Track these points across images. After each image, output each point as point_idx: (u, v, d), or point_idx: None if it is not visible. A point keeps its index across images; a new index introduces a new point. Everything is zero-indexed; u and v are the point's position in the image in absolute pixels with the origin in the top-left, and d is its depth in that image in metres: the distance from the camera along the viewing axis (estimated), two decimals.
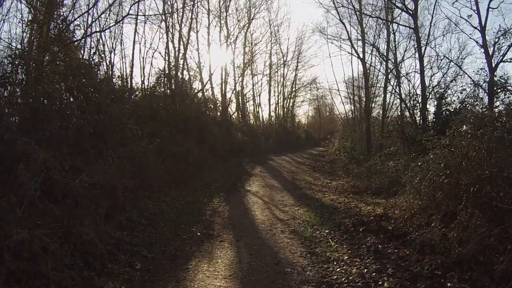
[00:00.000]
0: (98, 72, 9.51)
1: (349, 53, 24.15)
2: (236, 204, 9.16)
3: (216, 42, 24.14)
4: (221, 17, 24.03)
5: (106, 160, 7.24)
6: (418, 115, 14.46)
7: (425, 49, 14.53)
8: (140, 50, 22.04)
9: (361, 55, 20.42)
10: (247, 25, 26.88)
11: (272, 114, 37.19)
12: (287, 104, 40.33)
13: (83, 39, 10.36)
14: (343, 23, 20.54)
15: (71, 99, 8.12)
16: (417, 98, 14.55)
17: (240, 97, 28.51)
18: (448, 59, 13.80)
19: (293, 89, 39.92)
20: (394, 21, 16.91)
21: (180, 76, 20.35)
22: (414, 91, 14.46)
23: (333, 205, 8.98)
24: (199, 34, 22.48)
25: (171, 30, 20.38)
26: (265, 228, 6.83)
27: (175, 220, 7.34)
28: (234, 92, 26.40)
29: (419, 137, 9.62)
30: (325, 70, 56.52)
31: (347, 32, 20.78)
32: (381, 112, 24.27)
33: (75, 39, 9.65)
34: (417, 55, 15.88)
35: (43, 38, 8.42)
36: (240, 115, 28.54)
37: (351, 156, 18.30)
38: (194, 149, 13.89)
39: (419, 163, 7.95)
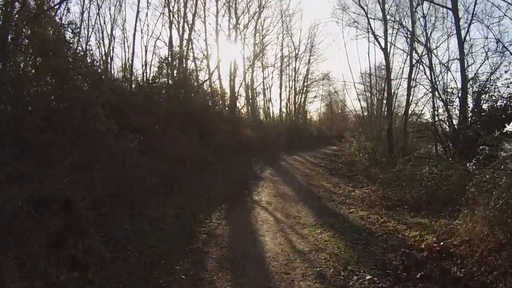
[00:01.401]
0: (71, 50, 7.53)
1: (366, 36, 21.98)
2: (241, 222, 7.12)
3: (225, 31, 22.18)
4: (230, 5, 22.03)
5: (61, 164, 5.29)
6: (455, 111, 12.33)
7: (467, 32, 12.26)
8: (142, 37, 20.29)
9: (382, 44, 18.27)
10: (257, 13, 24.84)
11: (283, 109, 35.13)
12: (299, 100, 38.14)
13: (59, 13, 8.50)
14: (362, 7, 18.49)
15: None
16: (454, 91, 12.39)
17: (249, 91, 26.54)
18: (501, 42, 11.43)
19: (305, 83, 37.75)
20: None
21: (184, 65, 18.56)
22: (455, 82, 12.16)
23: (365, 227, 6.93)
24: (206, 23, 20.73)
25: (175, 17, 18.64)
26: (279, 269, 4.75)
27: (155, 249, 5.37)
28: (243, 83, 24.43)
29: (485, 139, 7.54)
30: (340, 63, 53.87)
31: (367, 16, 18.67)
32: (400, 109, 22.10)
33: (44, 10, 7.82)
34: (453, 41, 13.78)
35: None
36: (249, 110, 26.55)
37: (372, 158, 16.15)
38: (195, 147, 11.97)
39: (486, 176, 5.96)
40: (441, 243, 5.56)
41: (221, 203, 8.54)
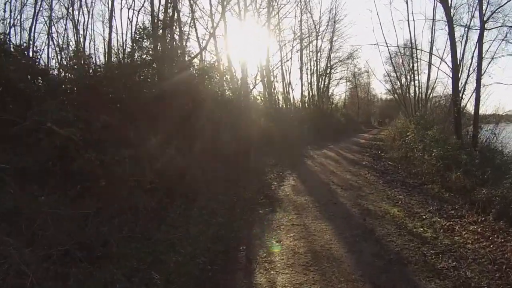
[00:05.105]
0: None
1: None
2: None
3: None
4: None
5: None
6: None
7: None
8: (121, 8, 15.80)
9: None
10: None
11: (305, 94, 29.51)
12: (322, 82, 32.42)
13: None
14: None
15: None
16: None
17: (264, 72, 21.26)
18: None
19: (328, 64, 32.06)
20: None
21: (171, 36, 13.78)
22: None
23: None
24: None
25: None
26: None
27: None
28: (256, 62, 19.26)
29: None
30: (375, 33, 43.93)
31: None
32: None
33: None
34: None
35: None
36: (266, 94, 21.31)
37: (445, 155, 10.59)
38: (156, 151, 6.90)
39: None
40: None
41: None
